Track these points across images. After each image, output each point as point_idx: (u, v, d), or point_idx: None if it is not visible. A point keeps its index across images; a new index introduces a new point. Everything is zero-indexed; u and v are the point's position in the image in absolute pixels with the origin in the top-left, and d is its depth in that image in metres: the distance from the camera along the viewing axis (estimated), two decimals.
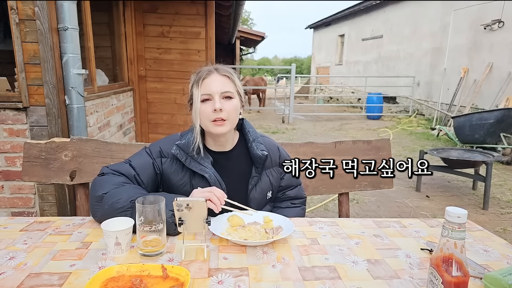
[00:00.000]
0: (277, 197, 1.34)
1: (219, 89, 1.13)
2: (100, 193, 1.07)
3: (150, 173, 1.19)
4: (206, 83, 1.14)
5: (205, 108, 1.13)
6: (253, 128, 1.30)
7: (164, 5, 4.12)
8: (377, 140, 1.64)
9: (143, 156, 1.21)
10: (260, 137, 1.28)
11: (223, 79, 1.15)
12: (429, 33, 9.20)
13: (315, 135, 7.50)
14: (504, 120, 5.29)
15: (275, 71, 22.85)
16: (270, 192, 1.28)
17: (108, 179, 1.12)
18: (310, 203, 3.57)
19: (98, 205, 1.07)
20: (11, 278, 0.81)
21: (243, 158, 1.25)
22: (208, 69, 1.17)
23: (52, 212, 2.38)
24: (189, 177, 1.19)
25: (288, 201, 1.35)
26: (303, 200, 1.38)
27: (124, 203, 1.03)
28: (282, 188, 1.33)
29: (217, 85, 1.14)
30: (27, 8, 2.12)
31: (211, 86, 1.13)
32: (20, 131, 2.29)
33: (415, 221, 1.21)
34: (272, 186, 1.28)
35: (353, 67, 14.16)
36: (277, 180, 1.30)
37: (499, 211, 3.43)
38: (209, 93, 1.13)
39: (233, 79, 1.17)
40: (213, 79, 1.14)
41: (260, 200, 1.25)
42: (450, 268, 0.69)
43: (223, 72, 1.16)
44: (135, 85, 4.26)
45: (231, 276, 0.84)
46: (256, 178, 1.23)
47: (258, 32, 13.43)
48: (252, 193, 1.23)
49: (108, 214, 1.03)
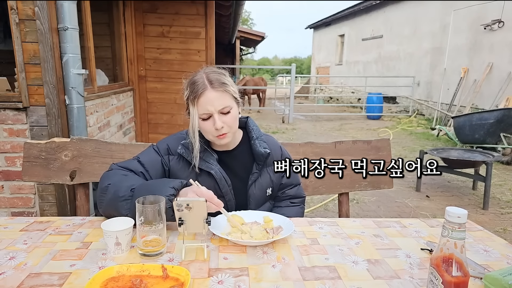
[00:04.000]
0: (277, 196, 1.35)
1: (217, 107, 1.12)
2: (106, 183, 1.10)
3: (159, 170, 1.21)
4: (202, 102, 1.12)
5: (206, 126, 1.15)
6: (257, 127, 1.32)
7: (164, 5, 4.12)
8: (377, 140, 1.64)
9: (152, 154, 1.24)
10: (263, 136, 1.30)
11: (219, 95, 1.13)
12: (429, 33, 9.20)
13: (315, 135, 7.50)
14: (504, 120, 5.29)
15: (275, 71, 22.83)
16: (270, 189, 1.29)
17: (115, 172, 1.15)
18: (310, 203, 3.57)
19: (103, 196, 1.09)
20: (11, 278, 0.81)
21: (246, 155, 1.27)
22: (203, 85, 1.12)
23: (52, 212, 2.38)
24: (196, 174, 1.21)
25: (287, 200, 1.36)
26: (303, 200, 1.39)
27: (125, 192, 1.04)
28: (283, 187, 1.34)
29: (214, 103, 1.12)
30: (27, 8, 2.12)
31: (208, 106, 1.12)
32: (20, 131, 2.29)
33: (415, 221, 1.21)
34: (272, 183, 1.29)
35: (353, 67, 14.16)
36: (277, 177, 1.31)
37: (499, 211, 3.43)
38: (207, 113, 1.13)
39: (227, 90, 1.14)
40: (209, 98, 1.12)
41: (260, 196, 1.27)
42: (450, 268, 0.69)
43: (217, 87, 1.13)
44: (135, 85, 4.26)
45: (231, 276, 0.84)
46: (256, 174, 1.25)
47: (258, 32, 13.45)
48: (251, 189, 1.25)
49: (111, 203, 1.06)
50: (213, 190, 1.15)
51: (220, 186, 1.21)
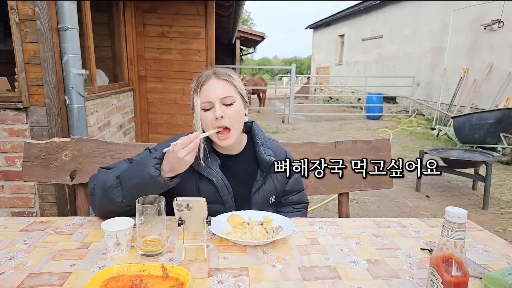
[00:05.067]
0: (280, 202, 1.33)
1: (219, 95, 1.11)
2: (91, 186, 1.11)
3: None
4: (205, 90, 1.12)
5: (207, 116, 1.12)
6: (262, 132, 1.28)
7: (164, 5, 4.12)
8: (377, 140, 1.64)
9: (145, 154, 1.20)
10: (268, 141, 1.26)
11: (222, 84, 1.13)
12: (429, 33, 9.20)
13: (315, 135, 7.50)
14: (504, 120, 5.29)
15: (275, 71, 22.82)
16: (274, 196, 1.27)
17: (97, 173, 1.17)
18: (310, 203, 3.55)
19: (93, 198, 1.10)
20: (11, 278, 0.81)
21: (250, 161, 1.24)
22: (207, 74, 1.14)
23: (52, 212, 2.38)
24: (196, 179, 1.18)
25: (290, 206, 1.34)
26: (305, 205, 1.37)
27: (112, 182, 1.05)
28: (286, 193, 1.32)
29: (216, 91, 1.11)
30: (27, 8, 2.12)
31: (210, 93, 1.11)
32: (20, 131, 2.29)
33: (415, 221, 1.21)
34: (276, 190, 1.27)
35: (353, 67, 14.16)
36: (282, 184, 1.28)
37: (499, 211, 3.43)
38: (209, 100, 1.11)
39: (232, 82, 1.15)
40: (212, 85, 1.12)
41: (262, 204, 1.24)
42: (450, 268, 0.69)
43: (221, 76, 1.13)
44: (135, 85, 4.26)
45: (231, 276, 0.84)
46: (261, 182, 1.22)
47: (258, 32, 13.42)
48: (254, 197, 1.22)
49: (102, 199, 1.07)
50: (213, 197, 1.17)
51: (221, 194, 1.18)
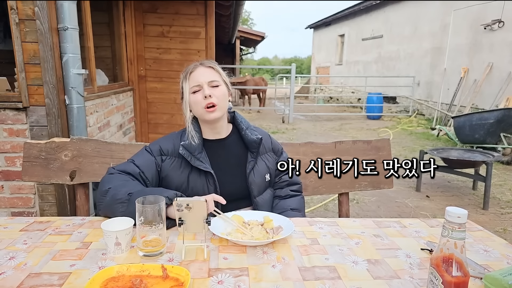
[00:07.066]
0: (275, 183, 1.41)
1: (206, 79, 1.24)
2: (107, 187, 1.15)
3: (153, 170, 1.26)
4: (193, 76, 1.25)
5: (196, 97, 1.24)
6: (245, 119, 1.38)
7: (164, 5, 4.12)
8: (377, 140, 1.64)
9: (145, 155, 1.29)
10: (252, 126, 1.38)
11: (209, 70, 1.27)
12: (429, 33, 9.20)
13: (315, 135, 7.50)
14: (504, 120, 5.28)
15: (275, 71, 22.82)
16: (268, 174, 1.35)
17: (116, 177, 1.20)
18: (310, 203, 3.57)
19: (103, 199, 1.14)
20: (11, 278, 0.81)
21: (238, 146, 1.34)
22: (194, 64, 1.28)
23: (52, 212, 2.38)
24: (187, 174, 1.27)
25: (286, 187, 1.40)
26: (300, 186, 1.44)
27: (123, 195, 1.10)
28: (278, 173, 1.39)
29: (204, 76, 1.24)
30: (27, 8, 2.12)
31: (199, 78, 1.24)
32: (20, 131, 2.29)
33: (415, 221, 1.21)
34: (269, 169, 1.36)
35: (353, 67, 14.15)
36: (273, 164, 1.38)
37: (499, 211, 3.43)
38: (197, 84, 1.23)
39: (217, 70, 1.28)
40: (200, 71, 1.25)
41: (260, 183, 1.32)
42: (450, 268, 0.69)
43: (208, 64, 1.28)
44: (135, 85, 4.26)
45: (231, 276, 0.84)
46: (252, 162, 1.31)
47: (258, 32, 13.43)
48: (250, 177, 1.29)
49: (108, 205, 1.11)
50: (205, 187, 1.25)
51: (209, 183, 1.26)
